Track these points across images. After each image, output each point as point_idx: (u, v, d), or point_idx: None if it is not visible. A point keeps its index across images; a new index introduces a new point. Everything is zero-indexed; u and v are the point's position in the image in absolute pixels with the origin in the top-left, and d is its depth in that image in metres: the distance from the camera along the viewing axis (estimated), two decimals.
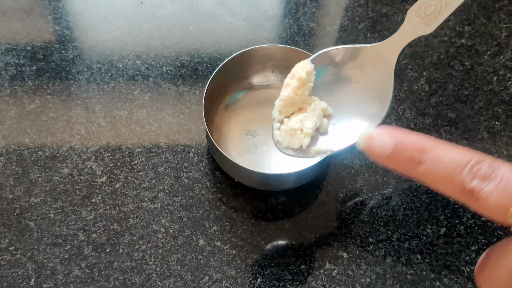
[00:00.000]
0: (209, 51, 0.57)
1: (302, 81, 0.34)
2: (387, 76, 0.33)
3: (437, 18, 0.31)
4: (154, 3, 0.60)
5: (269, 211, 0.48)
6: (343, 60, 0.34)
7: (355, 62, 0.34)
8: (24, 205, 0.47)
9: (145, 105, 0.53)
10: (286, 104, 0.36)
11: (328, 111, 0.35)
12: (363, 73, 0.34)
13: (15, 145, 0.50)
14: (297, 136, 0.35)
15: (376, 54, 0.33)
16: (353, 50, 0.34)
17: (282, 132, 0.36)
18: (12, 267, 0.44)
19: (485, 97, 0.55)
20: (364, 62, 0.33)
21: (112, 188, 0.48)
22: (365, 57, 0.33)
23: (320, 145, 0.35)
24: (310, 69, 0.34)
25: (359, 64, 0.34)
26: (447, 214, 0.48)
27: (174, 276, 0.44)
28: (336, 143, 0.34)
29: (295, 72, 0.35)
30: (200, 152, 0.50)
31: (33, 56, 0.55)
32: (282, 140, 0.36)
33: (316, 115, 0.35)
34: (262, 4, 0.61)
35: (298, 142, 0.35)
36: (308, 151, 0.35)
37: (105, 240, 0.46)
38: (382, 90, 0.33)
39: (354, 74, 0.34)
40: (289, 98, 0.35)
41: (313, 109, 0.35)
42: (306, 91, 0.35)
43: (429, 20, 0.31)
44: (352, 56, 0.34)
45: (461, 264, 0.46)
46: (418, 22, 0.31)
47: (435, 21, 0.31)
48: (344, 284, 0.45)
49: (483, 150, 0.52)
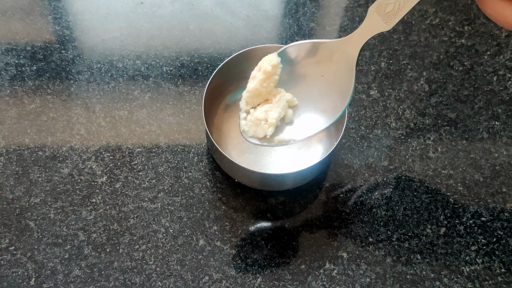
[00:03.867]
0: (209, 51, 0.57)
1: (267, 73, 0.36)
2: (350, 71, 0.34)
3: (396, 15, 0.32)
4: (154, 3, 0.60)
5: (269, 211, 0.48)
6: (309, 54, 0.36)
7: (321, 56, 0.35)
8: (24, 205, 0.47)
9: (145, 105, 0.53)
10: (253, 96, 0.37)
11: (294, 102, 0.37)
12: (328, 67, 0.35)
13: (15, 145, 0.50)
14: (261, 126, 0.37)
15: (339, 49, 0.34)
16: (319, 45, 0.35)
17: (248, 122, 0.37)
18: (12, 267, 0.44)
19: (485, 97, 0.55)
20: (329, 56, 0.35)
21: (112, 188, 0.48)
22: (329, 52, 0.35)
23: (284, 135, 0.37)
24: (276, 63, 0.36)
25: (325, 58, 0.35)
26: (447, 214, 0.48)
27: (174, 276, 0.44)
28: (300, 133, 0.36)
29: (261, 65, 0.36)
30: (200, 152, 0.50)
31: (33, 56, 0.55)
32: (247, 129, 0.37)
33: (281, 106, 0.36)
34: (262, 4, 0.61)
35: (262, 132, 0.37)
36: (272, 140, 0.37)
37: (105, 240, 0.46)
38: (344, 83, 0.35)
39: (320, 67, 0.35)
40: (255, 89, 0.37)
41: (278, 100, 0.37)
42: (272, 83, 0.36)
43: (388, 18, 0.32)
44: (318, 51, 0.35)
45: (461, 264, 0.46)
46: (378, 19, 0.32)
47: (393, 19, 0.32)
48: (344, 284, 0.45)
49: (483, 150, 0.52)
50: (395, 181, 0.50)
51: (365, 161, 0.51)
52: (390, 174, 0.50)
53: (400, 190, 0.49)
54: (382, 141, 0.52)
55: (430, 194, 0.49)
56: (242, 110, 0.38)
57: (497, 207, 0.49)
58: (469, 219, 0.48)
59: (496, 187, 0.50)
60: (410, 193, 0.49)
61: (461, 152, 0.52)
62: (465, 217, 0.48)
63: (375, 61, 0.57)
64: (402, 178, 0.50)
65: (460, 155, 0.51)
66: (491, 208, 0.49)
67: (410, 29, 0.59)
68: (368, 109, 0.54)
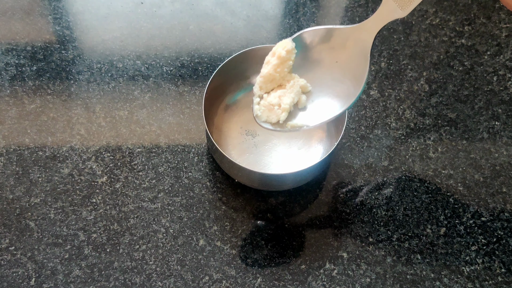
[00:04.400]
0: (209, 51, 0.57)
1: (282, 59, 0.36)
2: (364, 57, 0.34)
3: (412, 1, 0.32)
4: (154, 3, 0.60)
5: (269, 211, 0.48)
6: (323, 40, 0.36)
7: (335, 42, 0.35)
8: (24, 205, 0.47)
9: (145, 105, 0.53)
10: (266, 81, 0.37)
11: (307, 88, 0.37)
12: (342, 53, 0.35)
13: (16, 145, 0.50)
14: (275, 111, 0.37)
15: (354, 36, 0.34)
16: (334, 31, 0.35)
17: (261, 107, 0.37)
18: (13, 267, 0.44)
19: (485, 97, 0.55)
20: (344, 42, 0.35)
21: (112, 188, 0.48)
22: (344, 38, 0.35)
23: (297, 121, 0.37)
24: (290, 48, 0.36)
25: (339, 44, 0.35)
26: (447, 214, 0.48)
27: (174, 276, 0.44)
28: (313, 119, 0.36)
29: (276, 50, 0.36)
30: (200, 152, 0.50)
31: (33, 56, 0.55)
32: (260, 114, 0.37)
33: (294, 92, 0.37)
34: (262, 4, 0.61)
35: (275, 117, 0.37)
36: (285, 125, 0.37)
37: (105, 240, 0.46)
38: (358, 70, 0.34)
39: (334, 53, 0.35)
40: (269, 75, 0.37)
41: (291, 86, 0.37)
42: (286, 69, 0.36)
43: (404, 4, 0.32)
44: (332, 37, 0.35)
45: (461, 264, 0.46)
46: (394, 5, 0.32)
47: (409, 5, 0.32)
48: (344, 284, 0.45)
49: (483, 150, 0.52)
50: (395, 181, 0.50)
51: (365, 161, 0.51)
52: (390, 174, 0.50)
53: (400, 190, 0.49)
54: (382, 141, 0.52)
55: (430, 194, 0.49)
56: (255, 95, 0.38)
57: (497, 207, 0.49)
58: (469, 219, 0.48)
59: (496, 187, 0.50)
60: (410, 193, 0.49)
61: (461, 152, 0.52)
62: (465, 217, 0.48)
63: (375, 61, 0.57)
64: (402, 178, 0.50)
65: (460, 155, 0.51)
66: (491, 208, 0.49)
67: (410, 29, 0.59)
68: (368, 109, 0.54)
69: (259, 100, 0.38)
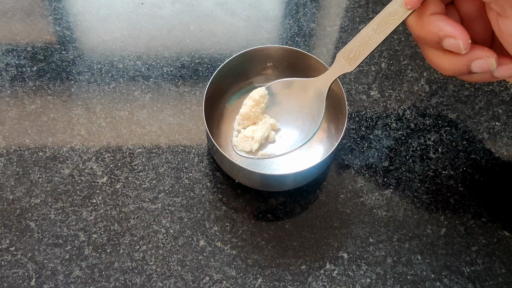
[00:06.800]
0: (209, 51, 0.57)
1: (256, 102, 0.45)
2: (321, 102, 0.43)
3: (356, 60, 0.40)
4: (155, 4, 0.60)
5: (270, 211, 0.48)
6: (290, 89, 0.45)
7: (299, 90, 0.45)
8: (24, 206, 0.47)
9: (146, 105, 0.53)
10: (244, 118, 0.46)
11: (276, 126, 0.47)
12: (304, 99, 0.45)
13: (16, 146, 0.50)
14: (249, 142, 0.46)
15: (313, 86, 0.44)
16: (298, 82, 0.45)
17: (239, 138, 0.46)
18: (13, 267, 0.44)
19: (486, 98, 0.55)
20: (305, 91, 0.44)
21: (112, 189, 0.48)
22: (306, 88, 0.44)
23: (266, 150, 0.46)
24: (263, 94, 0.45)
25: (302, 92, 0.45)
26: (447, 215, 0.48)
27: (174, 277, 0.44)
28: (280, 150, 0.45)
29: (252, 95, 0.45)
30: (200, 153, 0.50)
31: (33, 57, 0.55)
32: (237, 144, 0.46)
33: (265, 128, 0.46)
34: (263, 5, 0.61)
35: (249, 147, 0.45)
36: (256, 154, 0.46)
37: (105, 241, 0.46)
38: (317, 112, 0.44)
39: (298, 99, 0.45)
40: (246, 114, 0.46)
41: (263, 123, 0.46)
42: (259, 110, 0.46)
43: (351, 62, 0.41)
44: (297, 86, 0.45)
45: (461, 264, 0.46)
46: (343, 63, 0.41)
47: (355, 62, 0.40)
48: (344, 284, 0.45)
49: (483, 150, 0.52)
50: (396, 182, 0.50)
51: (365, 161, 0.51)
52: (391, 175, 0.50)
53: (401, 191, 0.49)
54: (382, 141, 0.52)
55: (430, 194, 0.49)
56: (235, 129, 0.46)
57: (498, 208, 0.49)
58: (469, 220, 0.48)
59: (497, 188, 0.50)
60: (410, 194, 0.49)
61: (462, 153, 0.52)
62: (465, 217, 0.48)
63: (376, 61, 0.57)
64: (402, 178, 0.50)
65: (460, 155, 0.51)
66: (492, 208, 0.49)
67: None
68: (369, 109, 0.54)
69: (237, 133, 0.46)
